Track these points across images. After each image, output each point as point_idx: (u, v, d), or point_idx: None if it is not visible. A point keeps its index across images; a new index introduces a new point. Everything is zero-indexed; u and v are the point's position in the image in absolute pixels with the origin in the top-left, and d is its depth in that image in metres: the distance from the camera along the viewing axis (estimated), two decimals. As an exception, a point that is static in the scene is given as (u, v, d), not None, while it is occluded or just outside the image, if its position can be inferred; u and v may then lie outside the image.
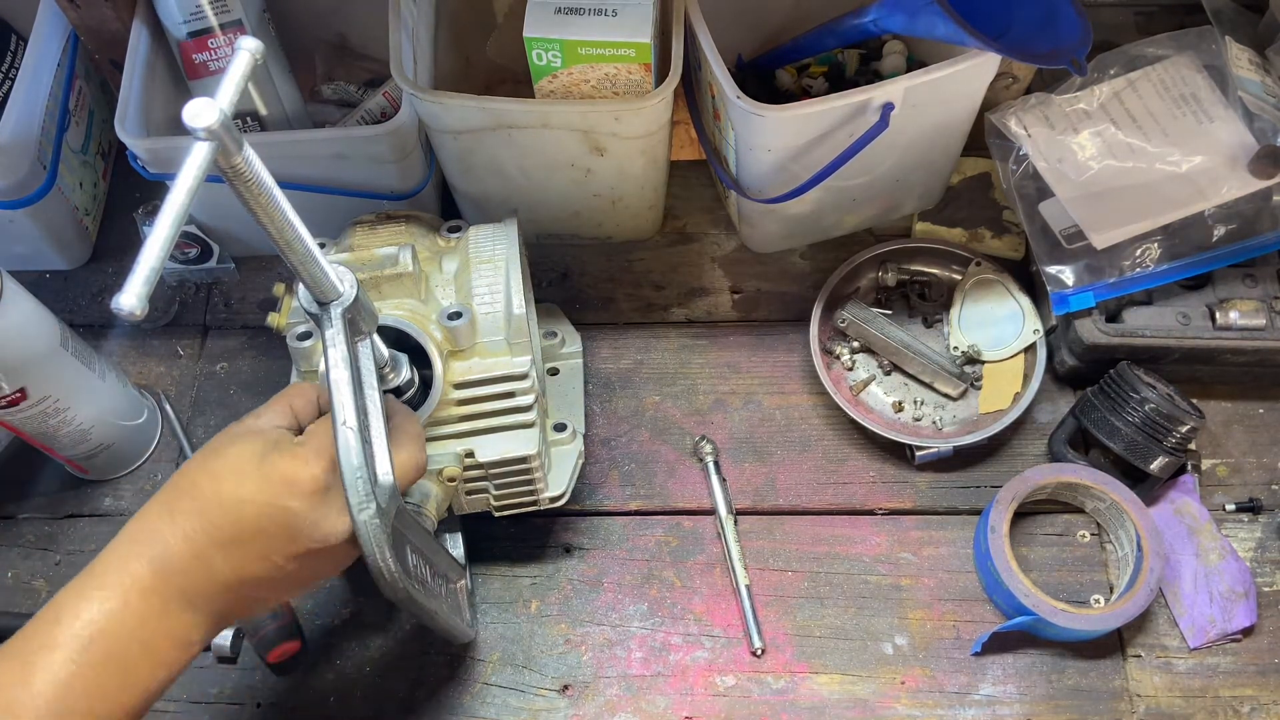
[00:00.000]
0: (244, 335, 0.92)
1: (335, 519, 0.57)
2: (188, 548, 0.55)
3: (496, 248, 0.74)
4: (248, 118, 0.86)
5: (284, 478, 0.55)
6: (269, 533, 0.55)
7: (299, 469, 0.56)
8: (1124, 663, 0.76)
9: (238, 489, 0.55)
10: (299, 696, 0.77)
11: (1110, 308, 0.82)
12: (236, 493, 0.55)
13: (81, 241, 0.95)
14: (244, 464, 0.56)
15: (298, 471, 0.56)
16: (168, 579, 0.54)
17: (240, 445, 0.57)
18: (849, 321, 0.87)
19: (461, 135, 0.79)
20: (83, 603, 0.53)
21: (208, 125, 0.45)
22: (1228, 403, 0.86)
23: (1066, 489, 0.80)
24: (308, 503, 0.56)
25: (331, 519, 0.57)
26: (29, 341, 0.71)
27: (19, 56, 0.90)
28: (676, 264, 0.95)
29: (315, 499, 0.56)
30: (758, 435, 0.86)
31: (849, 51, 0.94)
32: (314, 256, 0.54)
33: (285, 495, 0.55)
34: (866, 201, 0.90)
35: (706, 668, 0.77)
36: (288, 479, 0.55)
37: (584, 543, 0.82)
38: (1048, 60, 0.73)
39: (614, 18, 0.74)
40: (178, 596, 0.55)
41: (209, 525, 0.55)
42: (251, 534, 0.55)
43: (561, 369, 0.86)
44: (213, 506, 0.55)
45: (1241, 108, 0.81)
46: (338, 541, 0.57)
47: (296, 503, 0.55)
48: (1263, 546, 0.80)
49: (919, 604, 0.79)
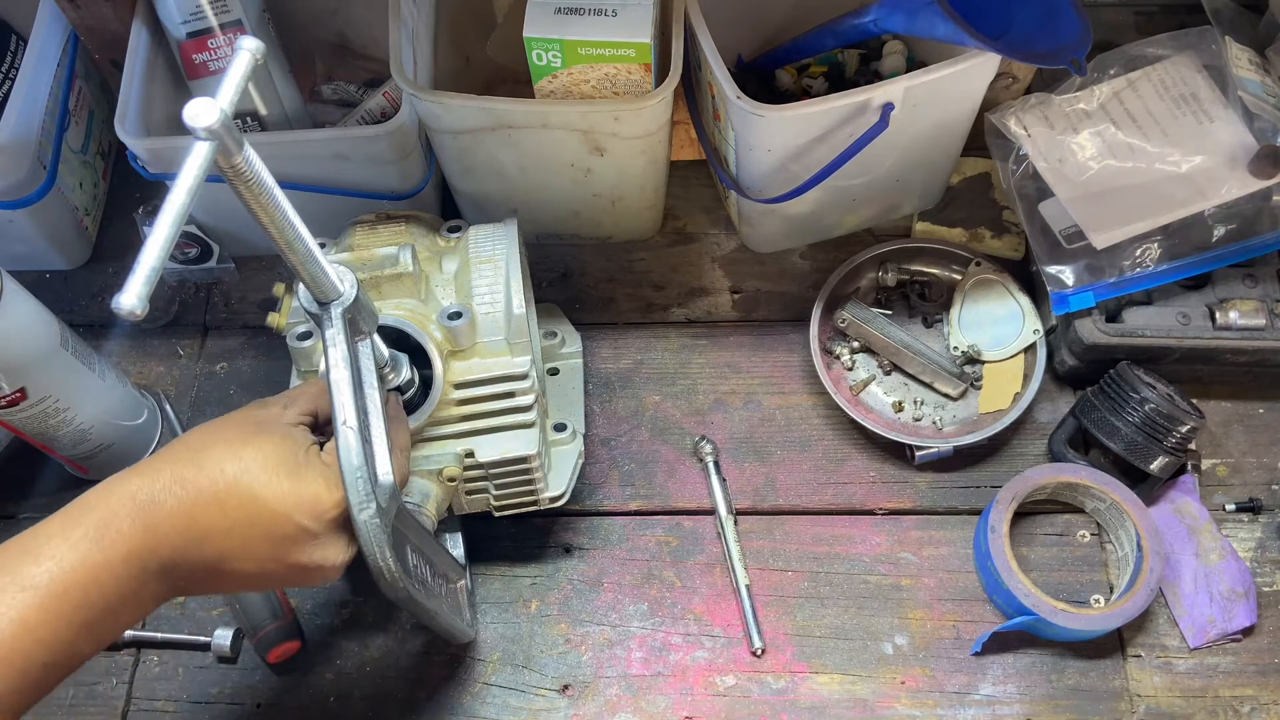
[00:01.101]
0: (244, 335, 0.92)
1: (339, 548, 0.57)
2: (187, 524, 0.53)
3: (496, 248, 0.74)
4: (248, 118, 0.86)
5: (313, 497, 0.55)
6: (275, 541, 0.55)
7: (327, 493, 0.56)
8: (1124, 663, 0.76)
9: (262, 490, 0.54)
10: (299, 696, 0.77)
11: (1110, 308, 0.82)
12: (260, 493, 0.54)
13: (81, 241, 0.95)
14: (275, 467, 0.55)
15: (325, 495, 0.56)
16: (156, 549, 0.53)
17: (272, 443, 0.56)
18: (849, 321, 0.87)
19: (461, 135, 0.79)
20: (66, 547, 0.51)
21: (208, 125, 0.45)
22: (1228, 403, 0.86)
23: (1066, 489, 0.80)
24: (323, 526, 0.56)
25: (337, 547, 0.57)
26: (29, 341, 0.71)
27: (19, 56, 0.90)
28: (676, 264, 0.95)
29: (331, 524, 0.56)
30: (758, 435, 0.86)
31: (849, 51, 0.94)
32: (314, 256, 0.54)
33: (307, 513, 0.55)
34: (866, 201, 0.90)
35: (706, 668, 0.77)
36: (315, 499, 0.55)
37: (584, 543, 0.82)
38: (1048, 60, 0.73)
39: (614, 18, 0.74)
40: (157, 567, 0.53)
41: (217, 512, 0.54)
42: (259, 537, 0.55)
43: (561, 369, 0.86)
44: (229, 496, 0.54)
45: (1241, 108, 0.81)
46: (336, 565, 0.57)
47: (314, 524, 0.55)
48: (1263, 546, 0.80)
49: (919, 604, 0.79)
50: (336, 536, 0.57)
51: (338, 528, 0.57)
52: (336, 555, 0.57)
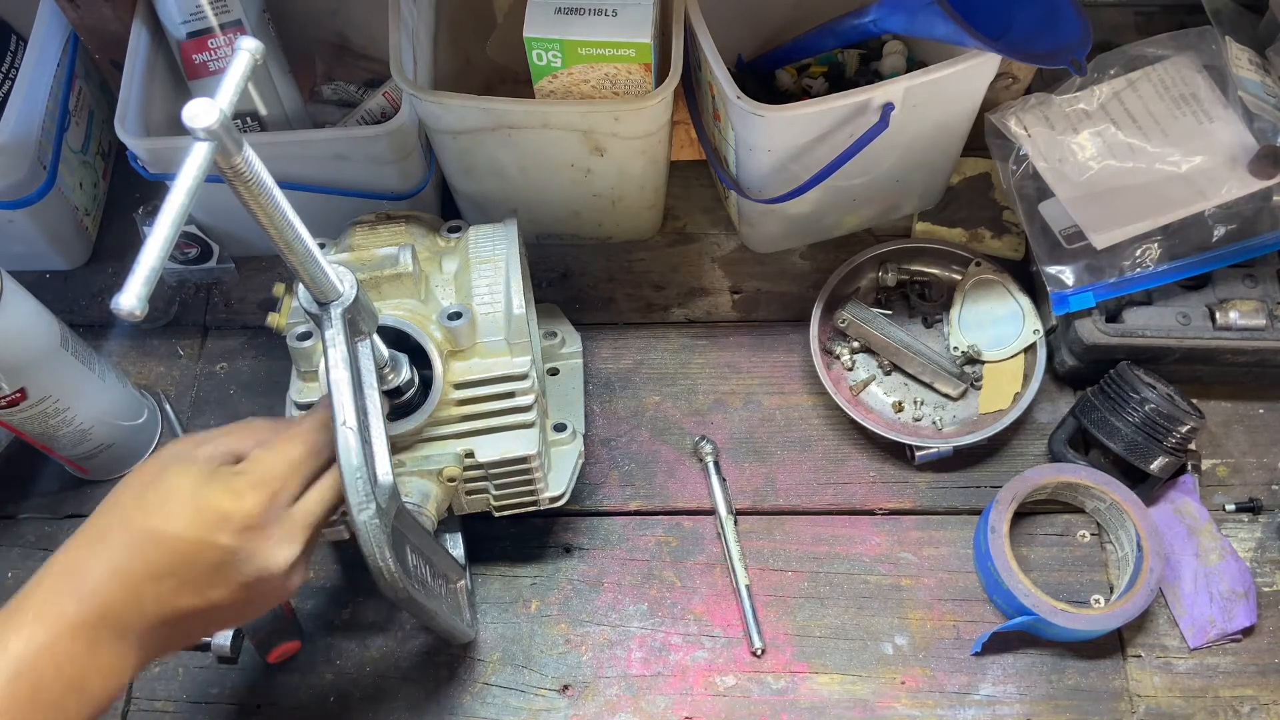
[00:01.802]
0: (244, 335, 0.92)
1: (272, 551, 0.56)
2: (118, 582, 0.53)
3: (496, 248, 0.74)
4: (248, 118, 0.86)
5: (217, 512, 0.54)
6: (200, 568, 0.54)
7: (233, 503, 0.55)
8: (1124, 663, 0.76)
9: (168, 523, 0.54)
10: (299, 696, 0.77)
11: (1110, 308, 0.82)
12: (167, 527, 0.54)
13: (81, 241, 0.95)
14: (176, 497, 0.54)
15: (231, 506, 0.55)
16: (98, 615, 0.52)
17: (174, 477, 0.55)
18: (849, 321, 0.87)
19: (461, 135, 0.79)
20: (10, 635, 0.51)
21: (207, 125, 0.45)
22: (1228, 403, 0.86)
23: (1066, 489, 0.80)
24: (241, 538, 0.55)
25: (268, 551, 0.56)
26: (29, 341, 0.71)
27: (19, 56, 0.90)
28: (676, 264, 0.95)
29: (250, 534, 0.55)
30: (758, 435, 0.86)
31: (849, 51, 0.94)
32: (314, 256, 0.54)
33: (217, 531, 0.54)
34: (866, 201, 0.90)
35: (706, 668, 0.77)
36: (221, 514, 0.54)
37: (584, 543, 0.82)
38: (1048, 60, 0.73)
39: (614, 18, 0.74)
40: (108, 632, 0.53)
41: (139, 559, 0.53)
42: (184, 569, 0.54)
43: (561, 369, 0.86)
44: (143, 540, 0.54)
45: (1241, 108, 0.81)
46: (278, 573, 0.56)
47: (229, 539, 0.54)
48: (1263, 546, 0.80)
49: (919, 604, 0.79)
50: (262, 541, 0.55)
51: (261, 534, 0.55)
52: (275, 561, 0.56)
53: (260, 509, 0.55)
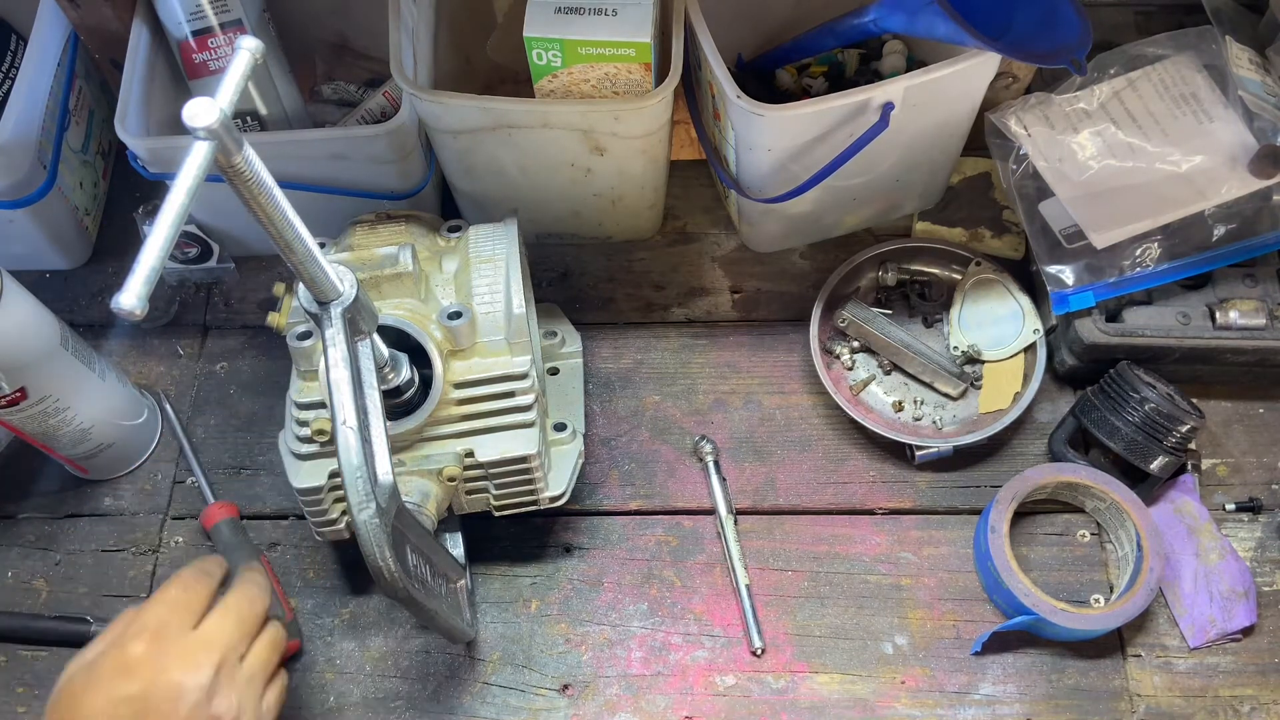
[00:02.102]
0: (244, 335, 0.92)
1: (219, 703, 0.56)
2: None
3: (496, 247, 0.74)
4: (248, 118, 0.86)
5: (174, 686, 0.55)
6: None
7: (190, 678, 0.55)
8: (1124, 662, 0.76)
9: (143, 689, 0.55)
10: (299, 696, 0.77)
11: (1110, 307, 0.82)
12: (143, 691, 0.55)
13: (81, 241, 0.95)
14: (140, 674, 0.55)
15: (187, 681, 0.55)
16: None
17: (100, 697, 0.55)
18: (849, 321, 0.87)
19: (461, 135, 0.79)
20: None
21: (208, 125, 0.45)
22: (1228, 403, 0.86)
23: (1066, 489, 0.80)
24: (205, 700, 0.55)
25: (215, 707, 0.56)
26: (29, 341, 0.71)
27: (19, 56, 0.90)
28: (676, 264, 0.95)
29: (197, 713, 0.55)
30: (758, 435, 0.86)
31: (849, 51, 0.94)
32: (314, 256, 0.54)
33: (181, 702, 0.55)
34: (866, 201, 0.90)
35: (706, 667, 0.77)
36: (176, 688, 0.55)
37: (584, 543, 0.82)
38: (1048, 60, 0.73)
39: (614, 17, 0.74)
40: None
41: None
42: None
43: (561, 369, 0.86)
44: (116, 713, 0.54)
45: (1241, 108, 0.81)
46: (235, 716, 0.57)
47: (196, 713, 0.55)
48: (1263, 546, 0.80)
49: (919, 604, 0.79)
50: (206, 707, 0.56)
51: (206, 702, 0.56)
52: (222, 709, 0.56)
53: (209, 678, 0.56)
